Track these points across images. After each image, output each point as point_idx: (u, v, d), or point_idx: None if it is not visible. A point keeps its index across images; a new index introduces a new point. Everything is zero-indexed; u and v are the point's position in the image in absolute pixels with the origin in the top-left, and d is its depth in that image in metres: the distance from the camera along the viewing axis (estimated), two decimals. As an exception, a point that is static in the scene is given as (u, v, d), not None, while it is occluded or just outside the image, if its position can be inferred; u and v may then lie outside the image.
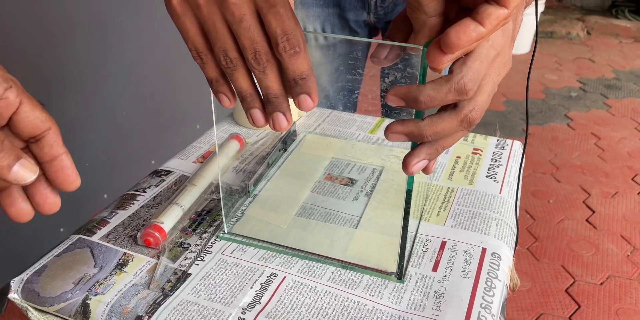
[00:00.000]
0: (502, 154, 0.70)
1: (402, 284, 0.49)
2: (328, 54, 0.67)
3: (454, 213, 0.58)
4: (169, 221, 0.54)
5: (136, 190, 0.61)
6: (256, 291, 0.47)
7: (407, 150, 0.40)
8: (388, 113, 0.76)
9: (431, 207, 0.59)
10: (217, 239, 0.54)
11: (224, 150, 0.66)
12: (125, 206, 0.58)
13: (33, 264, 0.50)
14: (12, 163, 0.31)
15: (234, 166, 0.65)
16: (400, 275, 0.49)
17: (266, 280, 0.49)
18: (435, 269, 0.50)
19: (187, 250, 0.52)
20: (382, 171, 0.65)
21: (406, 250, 0.48)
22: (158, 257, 0.51)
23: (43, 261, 0.51)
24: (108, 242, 0.53)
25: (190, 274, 0.49)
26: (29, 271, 0.49)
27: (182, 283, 0.48)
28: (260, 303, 0.46)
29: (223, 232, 0.54)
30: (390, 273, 0.49)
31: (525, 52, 2.89)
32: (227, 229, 0.54)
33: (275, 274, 0.49)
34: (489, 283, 0.49)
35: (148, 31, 1.54)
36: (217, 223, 0.56)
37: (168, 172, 0.65)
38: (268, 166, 0.65)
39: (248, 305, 0.46)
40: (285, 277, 0.49)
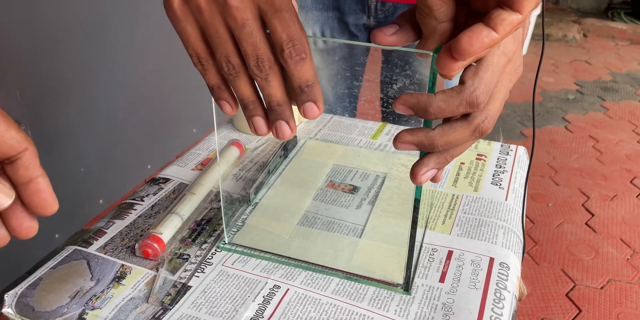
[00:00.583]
0: (507, 160, 0.69)
1: (409, 296, 0.47)
2: (328, 58, 0.65)
3: (460, 221, 0.57)
4: (168, 231, 0.52)
5: (134, 198, 0.60)
6: (259, 304, 0.46)
7: (411, 156, 0.38)
8: (390, 118, 0.75)
9: (436, 215, 0.58)
10: (218, 250, 0.52)
11: (224, 157, 0.65)
12: (122, 216, 0.57)
13: (28, 277, 0.49)
14: None
15: (234, 173, 0.64)
16: (407, 286, 0.47)
17: (269, 292, 0.47)
18: (442, 280, 0.49)
19: (187, 261, 0.51)
20: (386, 178, 0.64)
21: (413, 260, 0.47)
22: (157, 269, 0.49)
23: (38, 274, 0.49)
24: (105, 254, 0.51)
25: (190, 287, 0.48)
26: (24, 284, 0.47)
27: (182, 296, 0.46)
28: (262, 317, 0.45)
29: (224, 243, 0.53)
30: (396, 284, 0.48)
31: (522, 55, 2.89)
32: (228, 239, 0.53)
33: (278, 286, 0.48)
34: (498, 294, 0.47)
35: (143, 34, 1.52)
36: (218, 233, 0.55)
37: (166, 180, 0.63)
38: (269, 173, 0.64)
39: (250, 319, 0.44)
40: (288, 290, 0.47)
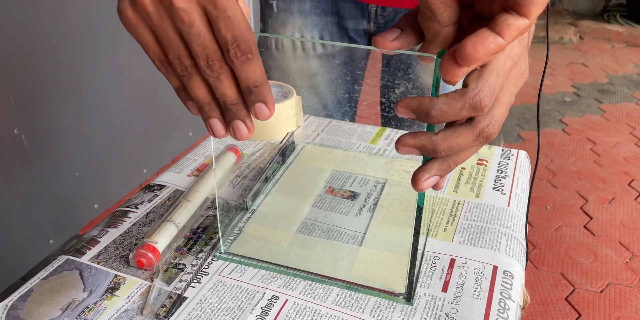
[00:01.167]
0: (508, 165, 0.68)
1: (411, 306, 0.46)
2: (328, 63, 0.64)
3: (462, 228, 0.56)
4: (163, 240, 0.51)
5: (128, 206, 0.58)
6: (257, 316, 0.44)
7: (411, 160, 0.37)
8: (392, 123, 0.74)
9: (437, 222, 0.57)
10: (214, 259, 0.51)
11: (220, 163, 0.63)
12: (116, 224, 0.55)
13: (23, 284, 0.47)
14: None
15: (231, 180, 0.62)
16: (409, 296, 0.46)
17: (267, 304, 0.46)
18: (445, 290, 0.48)
19: (183, 271, 0.49)
20: (386, 184, 0.62)
21: (415, 269, 0.45)
22: (151, 280, 0.48)
23: (29, 285, 0.47)
24: (98, 264, 0.50)
25: (186, 298, 0.46)
26: (14, 296, 0.46)
27: (178, 308, 0.45)
28: (261, 329, 0.43)
29: (220, 252, 0.51)
30: (398, 294, 0.47)
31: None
32: (225, 248, 0.52)
33: (276, 297, 0.46)
34: (502, 304, 0.46)
35: (139, 38, 1.51)
36: (214, 241, 0.53)
37: (161, 187, 0.62)
38: (266, 179, 0.62)
39: (248, 331, 0.43)
40: (287, 300, 0.46)
